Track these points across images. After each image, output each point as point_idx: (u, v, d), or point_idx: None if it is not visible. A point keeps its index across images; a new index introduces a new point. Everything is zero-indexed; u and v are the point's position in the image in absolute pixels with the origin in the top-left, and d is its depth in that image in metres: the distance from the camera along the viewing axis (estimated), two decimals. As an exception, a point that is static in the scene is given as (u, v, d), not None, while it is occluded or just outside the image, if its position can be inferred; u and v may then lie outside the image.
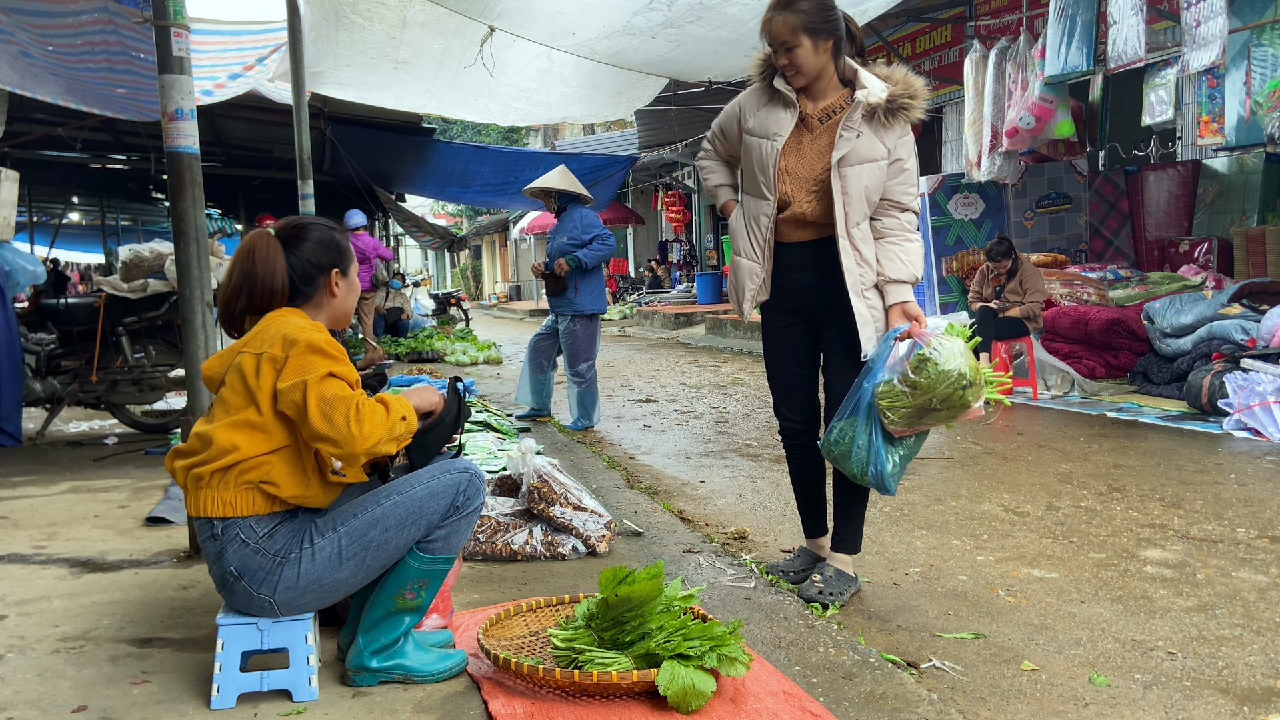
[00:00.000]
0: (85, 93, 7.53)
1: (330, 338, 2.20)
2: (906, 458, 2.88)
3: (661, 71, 8.29)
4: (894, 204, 2.96)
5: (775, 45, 2.89)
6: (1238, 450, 5.33)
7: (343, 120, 10.94)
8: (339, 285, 2.34)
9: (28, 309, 5.95)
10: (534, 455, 3.60)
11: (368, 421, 2.10)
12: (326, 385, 2.11)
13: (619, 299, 23.45)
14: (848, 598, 3.07)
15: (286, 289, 2.27)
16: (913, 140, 2.97)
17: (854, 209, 2.92)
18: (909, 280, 2.93)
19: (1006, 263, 7.54)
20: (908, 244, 2.95)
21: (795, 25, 2.83)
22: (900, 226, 2.96)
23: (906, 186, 2.95)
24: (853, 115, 2.89)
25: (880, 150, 2.90)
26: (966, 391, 2.70)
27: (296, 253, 2.28)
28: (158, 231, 21.89)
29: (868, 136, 2.90)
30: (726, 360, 11.51)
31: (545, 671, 2.18)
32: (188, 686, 2.31)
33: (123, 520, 3.98)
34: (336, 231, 2.37)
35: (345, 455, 2.11)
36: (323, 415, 2.08)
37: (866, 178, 2.90)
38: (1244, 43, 6.92)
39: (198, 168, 3.20)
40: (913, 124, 2.96)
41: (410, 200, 20.33)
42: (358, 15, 7.20)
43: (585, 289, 6.41)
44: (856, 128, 2.89)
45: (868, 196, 2.92)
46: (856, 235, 2.93)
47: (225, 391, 2.19)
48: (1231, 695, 2.42)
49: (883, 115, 2.87)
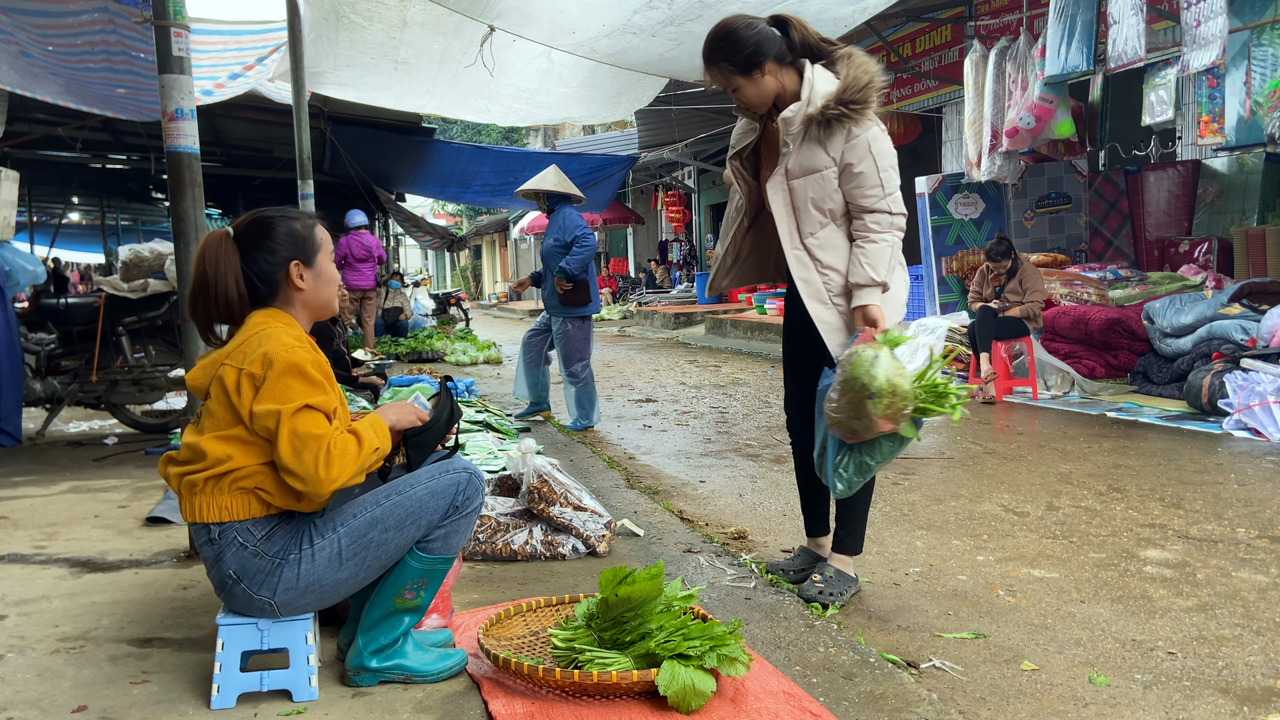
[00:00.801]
0: (85, 93, 7.54)
1: (314, 356, 2.15)
2: (865, 466, 2.78)
3: (661, 71, 8.28)
4: (856, 208, 2.92)
5: (723, 91, 3.00)
6: (1238, 450, 5.33)
7: (343, 120, 10.95)
8: (303, 278, 2.26)
9: (28, 309, 5.95)
10: (534, 455, 3.61)
11: (336, 463, 2.07)
12: (301, 420, 2.06)
13: (619, 299, 23.45)
14: (848, 598, 3.07)
15: (243, 292, 2.20)
16: (868, 141, 2.86)
17: (806, 220, 2.95)
18: (867, 284, 2.87)
19: (1006, 263, 7.54)
20: (870, 246, 2.88)
21: (725, 72, 2.93)
22: (864, 229, 2.91)
23: (865, 190, 2.87)
24: (790, 129, 2.90)
25: (822, 160, 2.89)
26: (869, 403, 2.59)
27: (251, 251, 2.21)
28: (158, 231, 21.90)
29: (808, 148, 2.90)
30: (726, 360, 11.51)
31: (545, 671, 2.18)
32: (188, 686, 2.31)
33: (123, 520, 3.98)
34: (296, 221, 2.28)
35: (309, 493, 2.08)
36: (293, 451, 2.05)
37: (811, 189, 2.91)
38: (1244, 43, 6.92)
39: (198, 168, 3.20)
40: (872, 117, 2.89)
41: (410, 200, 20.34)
42: (358, 15, 7.20)
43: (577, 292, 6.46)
44: (794, 141, 2.91)
45: (817, 205, 2.92)
46: (813, 244, 2.95)
47: (211, 403, 2.16)
48: (1231, 695, 2.42)
49: (817, 127, 2.86)
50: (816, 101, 2.83)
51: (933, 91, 11.92)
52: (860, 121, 2.85)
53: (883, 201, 2.88)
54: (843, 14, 6.82)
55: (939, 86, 11.65)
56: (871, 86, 2.84)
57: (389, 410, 2.34)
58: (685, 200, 22.50)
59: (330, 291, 2.34)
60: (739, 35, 2.90)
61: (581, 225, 6.47)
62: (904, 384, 2.60)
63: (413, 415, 2.35)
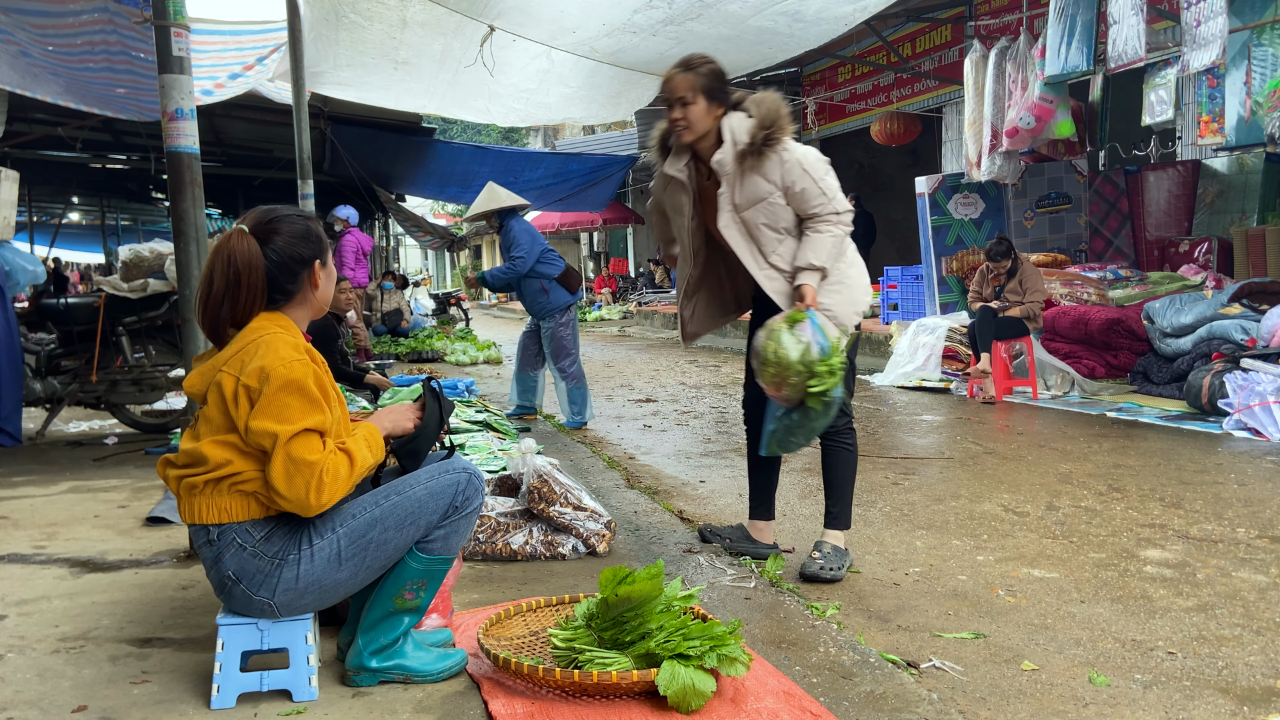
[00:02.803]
0: (85, 93, 7.54)
1: (313, 368, 2.13)
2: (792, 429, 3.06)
3: (662, 70, 8.25)
4: (806, 215, 3.19)
5: (672, 99, 3.19)
6: (1238, 450, 5.33)
7: (343, 120, 10.95)
8: (320, 277, 2.27)
9: (28, 309, 5.95)
10: (534, 455, 3.60)
11: (328, 490, 2.07)
12: (295, 446, 2.05)
13: (619, 299, 23.44)
14: (844, 571, 3.29)
15: (266, 291, 2.18)
16: (798, 159, 3.13)
17: (765, 242, 3.23)
18: (806, 267, 3.14)
19: (1006, 263, 7.54)
20: (815, 236, 3.16)
21: (695, 85, 3.15)
22: (811, 227, 3.18)
23: (811, 201, 3.15)
24: (724, 169, 3.17)
25: (765, 188, 3.17)
26: (762, 369, 2.98)
27: (276, 250, 2.18)
28: (158, 231, 21.91)
29: (748, 180, 3.17)
30: (726, 360, 11.51)
31: (545, 671, 2.18)
32: (188, 686, 2.31)
33: (123, 520, 3.98)
34: (310, 220, 2.27)
35: (296, 511, 2.10)
36: (285, 476, 2.04)
37: (762, 215, 3.20)
38: (1244, 43, 6.92)
39: (198, 168, 3.20)
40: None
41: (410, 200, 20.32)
42: (358, 15, 7.20)
43: (553, 287, 6.49)
44: (732, 178, 3.18)
45: (771, 226, 3.21)
46: (778, 260, 3.23)
47: (209, 409, 2.14)
48: (1231, 695, 2.42)
49: (751, 159, 3.14)
50: (741, 138, 3.13)
51: (933, 91, 11.92)
52: (781, 145, 3.14)
53: (828, 206, 3.16)
54: (843, 13, 6.82)
55: (939, 86, 11.65)
56: (782, 117, 3.15)
57: (384, 418, 2.32)
58: (685, 200, 22.43)
59: (333, 289, 2.35)
60: (722, 75, 3.23)
61: (523, 241, 6.40)
62: (790, 356, 2.93)
63: (408, 422, 2.34)
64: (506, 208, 6.51)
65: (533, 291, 6.47)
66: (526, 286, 6.48)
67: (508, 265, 6.40)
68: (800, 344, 2.94)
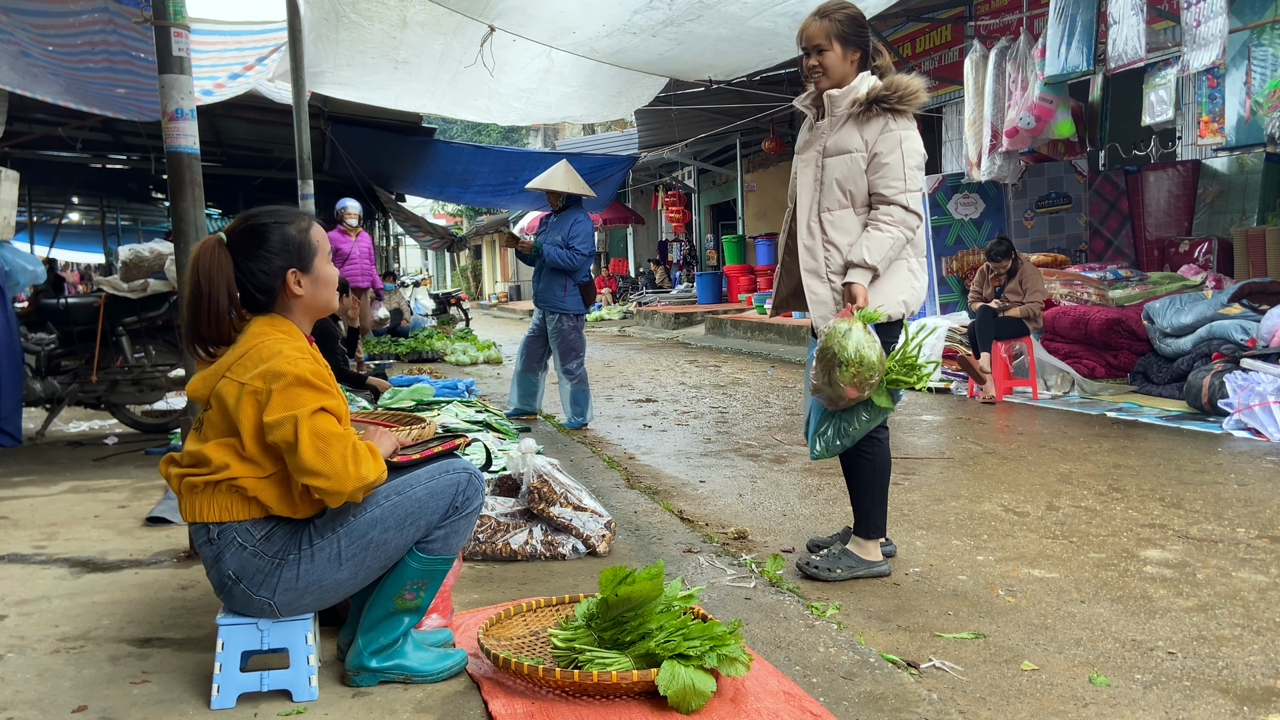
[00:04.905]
0: (85, 93, 7.54)
1: (316, 367, 2.13)
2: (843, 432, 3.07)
3: (661, 70, 8.29)
4: (877, 196, 3.13)
5: (809, 48, 3.16)
6: (1238, 450, 5.33)
7: (343, 120, 10.93)
8: (300, 285, 2.23)
9: (28, 309, 5.95)
10: (534, 455, 3.61)
11: (365, 462, 2.09)
12: (319, 421, 2.06)
13: (619, 299, 23.44)
14: (838, 573, 3.25)
15: (237, 304, 2.18)
16: (900, 137, 3.08)
17: (826, 195, 3.19)
18: (860, 264, 3.08)
19: (1006, 263, 7.54)
20: (876, 233, 3.09)
21: (830, 31, 3.12)
22: (876, 217, 3.12)
23: (888, 180, 3.08)
24: (835, 107, 3.14)
25: (855, 142, 3.12)
26: (838, 370, 2.89)
27: (246, 261, 2.18)
28: (158, 231, 21.91)
29: (846, 129, 3.14)
30: (726, 360, 11.51)
31: (545, 671, 2.18)
32: (188, 686, 2.31)
33: (123, 520, 3.98)
34: (290, 226, 2.23)
35: (333, 492, 2.06)
36: (316, 451, 2.03)
37: (839, 169, 3.15)
38: (1244, 43, 6.92)
39: (198, 168, 3.20)
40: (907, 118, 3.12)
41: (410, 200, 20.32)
42: (358, 15, 7.20)
43: (574, 291, 6.50)
44: (835, 120, 3.15)
45: (841, 185, 3.15)
46: (828, 220, 3.19)
47: (211, 414, 2.15)
48: (1231, 695, 2.42)
49: (861, 110, 3.10)
50: (862, 90, 3.10)
51: (933, 91, 11.90)
52: (898, 118, 3.08)
53: (902, 196, 3.09)
54: (843, 13, 6.81)
55: (939, 86, 11.63)
56: (915, 94, 3.08)
57: (384, 441, 2.31)
58: (685, 200, 22.49)
59: (329, 293, 2.31)
60: (859, 19, 3.17)
61: (586, 236, 6.45)
62: (871, 355, 2.87)
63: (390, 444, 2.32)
64: (576, 195, 6.56)
65: (555, 285, 6.48)
66: (552, 278, 6.49)
67: (571, 253, 6.39)
68: (876, 342, 2.92)
